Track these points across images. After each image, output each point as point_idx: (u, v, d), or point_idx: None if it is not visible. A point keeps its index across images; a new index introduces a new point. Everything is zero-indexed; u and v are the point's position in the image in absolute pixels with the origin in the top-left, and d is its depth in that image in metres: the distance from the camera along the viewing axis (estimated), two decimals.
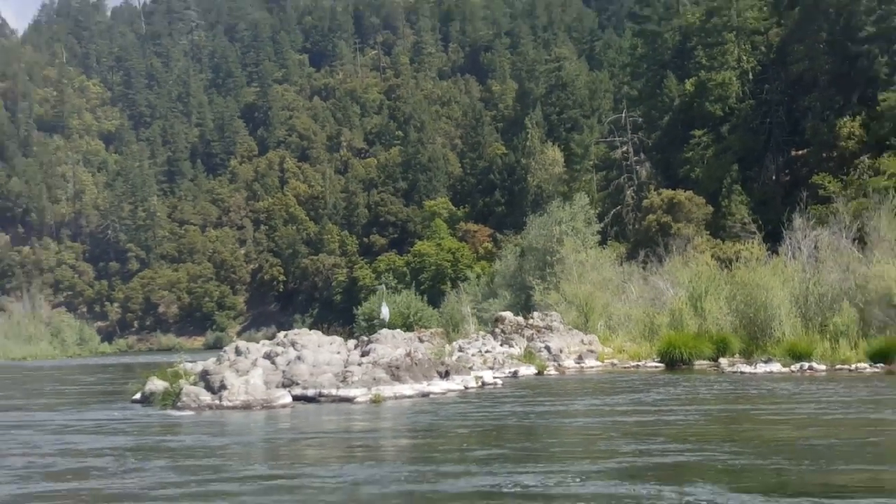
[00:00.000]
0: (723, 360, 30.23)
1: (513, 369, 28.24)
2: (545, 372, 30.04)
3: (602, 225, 71.52)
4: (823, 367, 26.62)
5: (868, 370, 25.86)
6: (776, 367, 26.80)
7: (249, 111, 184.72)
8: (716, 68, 77.15)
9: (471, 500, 10.28)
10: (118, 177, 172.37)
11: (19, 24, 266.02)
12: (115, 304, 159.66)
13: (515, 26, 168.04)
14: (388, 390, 21.54)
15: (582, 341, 35.90)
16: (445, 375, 24.00)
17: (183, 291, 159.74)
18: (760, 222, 50.65)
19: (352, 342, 26.58)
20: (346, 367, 22.43)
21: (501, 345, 34.94)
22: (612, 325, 42.40)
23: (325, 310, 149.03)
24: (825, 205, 57.24)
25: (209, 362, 22.66)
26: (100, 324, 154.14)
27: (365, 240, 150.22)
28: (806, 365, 26.79)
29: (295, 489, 11.13)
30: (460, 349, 33.63)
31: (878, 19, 66.46)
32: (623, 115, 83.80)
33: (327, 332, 28.45)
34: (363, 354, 23.94)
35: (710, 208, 69.62)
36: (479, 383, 24.61)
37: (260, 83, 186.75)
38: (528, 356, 31.44)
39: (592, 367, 32.01)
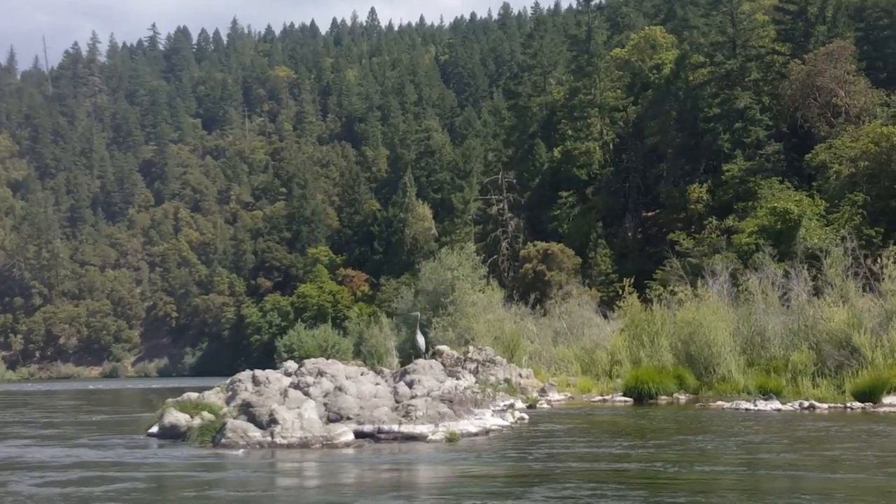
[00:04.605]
0: (680, 396, 27.23)
1: (507, 402, 24.09)
2: (537, 405, 26.25)
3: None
4: (825, 405, 23.55)
5: (873, 409, 22.89)
6: (775, 404, 23.64)
7: (147, 166, 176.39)
8: (581, 139, 75.78)
9: None
10: (24, 221, 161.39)
11: None
12: (19, 336, 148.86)
13: (386, 101, 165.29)
14: (453, 426, 17.27)
15: (520, 375, 32.40)
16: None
17: (82, 325, 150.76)
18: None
19: (360, 368, 21.99)
20: (396, 399, 18.16)
21: (448, 376, 31.08)
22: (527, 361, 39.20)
23: (214, 344, 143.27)
24: (678, 259, 56.05)
25: (213, 392, 18.18)
26: (4, 353, 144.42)
27: (252, 282, 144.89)
28: (806, 403, 23.73)
29: None
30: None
31: (722, 102, 66.04)
32: (499, 176, 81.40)
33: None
34: (410, 386, 19.63)
35: (579, 259, 67.62)
36: (516, 418, 20.62)
37: (157, 142, 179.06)
38: (511, 390, 27.56)
39: (560, 401, 28.52)
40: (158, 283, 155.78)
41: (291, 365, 21.09)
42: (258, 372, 19.74)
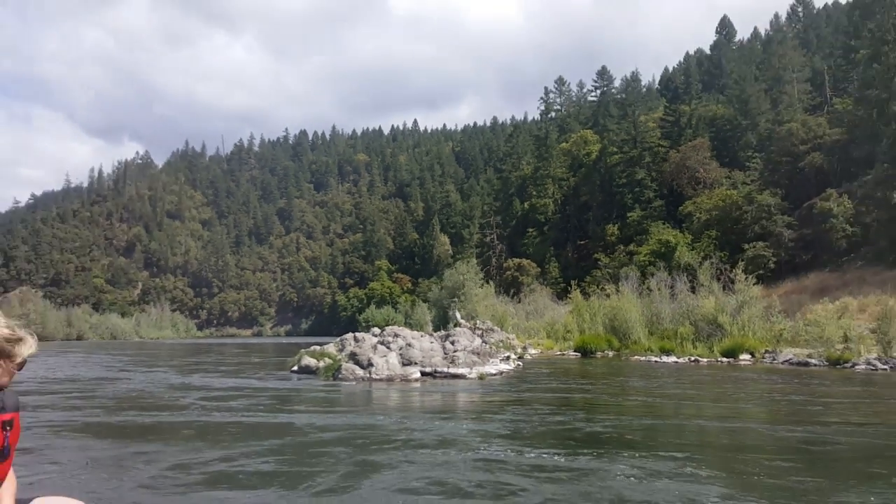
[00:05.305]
0: (609, 353, 26.22)
1: (505, 354, 23.14)
2: (524, 357, 25.26)
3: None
4: (705, 360, 22.46)
5: (740, 362, 21.63)
6: (673, 358, 22.58)
7: (281, 212, 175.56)
8: (540, 197, 74.70)
9: None
10: (208, 244, 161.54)
11: (159, 160, 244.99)
12: (204, 311, 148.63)
13: (423, 174, 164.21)
14: (481, 370, 16.44)
15: (508, 338, 31.32)
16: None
17: (241, 305, 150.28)
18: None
19: (420, 333, 21.09)
20: (445, 352, 17.39)
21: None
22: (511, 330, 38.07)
23: (318, 318, 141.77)
24: (601, 269, 54.77)
25: (330, 346, 17.46)
26: (195, 321, 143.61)
27: (342, 280, 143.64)
28: (693, 358, 22.65)
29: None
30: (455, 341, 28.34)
31: (627, 175, 65.01)
32: (491, 219, 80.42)
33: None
34: (452, 343, 18.84)
35: (540, 269, 66.53)
36: (515, 365, 19.70)
37: (287, 198, 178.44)
38: (507, 347, 26.55)
39: (536, 354, 27.52)
40: (286, 281, 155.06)
41: (376, 330, 20.24)
42: (357, 334, 18.93)
